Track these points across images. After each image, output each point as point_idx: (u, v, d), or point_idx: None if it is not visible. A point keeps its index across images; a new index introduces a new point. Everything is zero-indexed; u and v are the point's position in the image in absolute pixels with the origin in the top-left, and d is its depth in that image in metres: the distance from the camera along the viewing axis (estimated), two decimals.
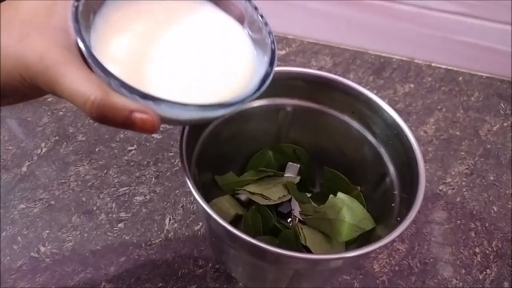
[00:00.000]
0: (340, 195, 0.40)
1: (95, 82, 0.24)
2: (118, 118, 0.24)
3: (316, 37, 0.72)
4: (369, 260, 0.48)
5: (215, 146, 0.41)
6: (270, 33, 0.30)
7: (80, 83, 0.24)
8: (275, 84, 0.30)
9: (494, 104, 0.67)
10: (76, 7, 0.25)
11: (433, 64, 0.72)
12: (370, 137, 0.41)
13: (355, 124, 0.41)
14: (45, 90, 0.25)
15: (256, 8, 0.31)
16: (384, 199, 0.39)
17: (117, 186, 0.51)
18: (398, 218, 0.34)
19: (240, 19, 0.31)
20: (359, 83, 0.40)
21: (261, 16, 0.31)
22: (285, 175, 0.45)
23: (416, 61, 0.72)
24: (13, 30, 0.25)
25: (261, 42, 0.31)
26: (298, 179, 0.43)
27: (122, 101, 0.24)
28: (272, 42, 0.30)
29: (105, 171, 0.52)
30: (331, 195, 0.41)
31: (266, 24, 0.30)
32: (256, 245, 0.30)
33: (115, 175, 0.52)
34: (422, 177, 0.33)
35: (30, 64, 0.24)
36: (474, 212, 0.53)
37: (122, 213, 0.49)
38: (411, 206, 0.32)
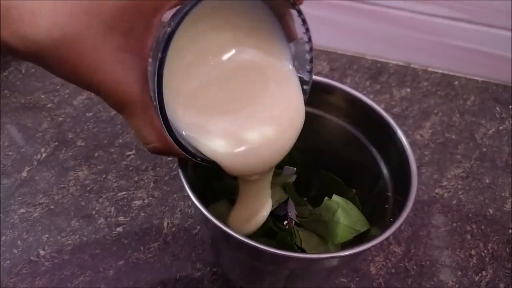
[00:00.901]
0: (335, 197, 0.41)
1: (158, 130, 0.26)
2: (169, 157, 0.29)
3: (313, 43, 0.73)
4: (365, 262, 0.48)
5: None
6: (311, 79, 0.32)
7: (146, 127, 0.26)
8: None
9: (490, 108, 0.68)
10: (163, 61, 0.23)
11: (429, 69, 0.73)
12: (364, 140, 0.41)
13: (349, 127, 0.42)
14: None
15: (311, 50, 0.31)
16: (378, 201, 0.39)
17: (116, 190, 0.51)
18: (392, 219, 0.34)
19: (289, 40, 0.32)
20: (356, 88, 0.41)
21: (311, 61, 0.32)
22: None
23: (412, 66, 0.73)
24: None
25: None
26: (294, 177, 0.44)
27: (176, 150, 0.27)
28: (307, 92, 0.33)
29: (104, 176, 0.52)
30: (326, 198, 0.41)
31: (311, 70, 0.32)
32: (252, 246, 0.30)
33: (114, 180, 0.52)
34: (414, 177, 0.34)
35: (103, 90, 0.24)
36: (470, 215, 0.54)
37: (120, 217, 0.49)
38: (404, 207, 0.32)
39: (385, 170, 0.39)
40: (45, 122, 0.57)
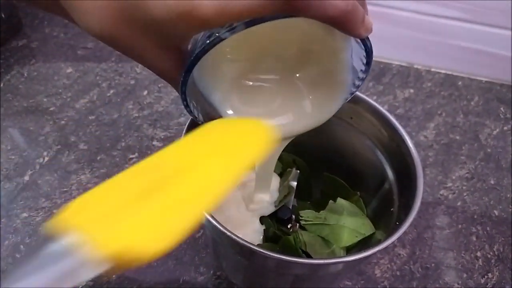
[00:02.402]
0: (340, 200, 0.41)
1: None
2: None
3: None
4: (370, 265, 0.48)
5: None
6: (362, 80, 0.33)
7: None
8: None
9: (494, 108, 0.67)
10: (184, 86, 0.27)
11: (432, 69, 0.72)
12: (368, 142, 0.41)
13: (354, 130, 0.42)
14: None
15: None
16: (383, 204, 0.39)
17: None
18: (397, 223, 0.34)
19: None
20: (359, 89, 0.40)
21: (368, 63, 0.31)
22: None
23: (415, 66, 0.73)
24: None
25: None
26: (295, 184, 0.43)
27: None
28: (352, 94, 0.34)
29: (106, 180, 0.52)
30: (330, 201, 0.41)
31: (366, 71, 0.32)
32: (256, 251, 0.30)
33: None
34: (420, 181, 0.34)
35: (151, 71, 0.28)
36: (475, 216, 0.53)
37: None
38: (410, 210, 0.32)
39: (390, 173, 0.39)
40: (47, 126, 0.57)
